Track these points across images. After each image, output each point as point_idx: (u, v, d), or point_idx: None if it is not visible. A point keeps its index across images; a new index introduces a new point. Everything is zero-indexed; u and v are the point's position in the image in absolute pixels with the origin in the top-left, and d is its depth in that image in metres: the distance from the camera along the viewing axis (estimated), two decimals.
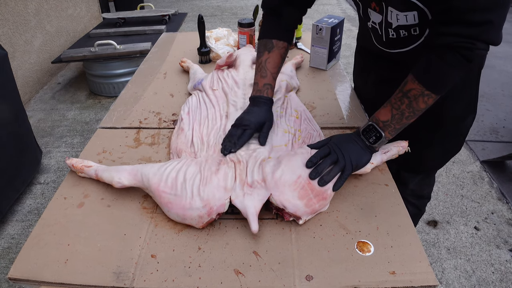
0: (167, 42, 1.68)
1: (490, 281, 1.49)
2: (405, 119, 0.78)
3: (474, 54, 0.68)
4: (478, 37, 0.67)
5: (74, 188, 0.84)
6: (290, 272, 0.66)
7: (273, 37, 0.91)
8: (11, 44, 2.67)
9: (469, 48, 0.68)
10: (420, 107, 0.76)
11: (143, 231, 0.74)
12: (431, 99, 0.75)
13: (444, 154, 1.12)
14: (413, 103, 0.76)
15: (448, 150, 1.11)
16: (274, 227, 0.75)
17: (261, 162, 0.78)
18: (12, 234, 1.74)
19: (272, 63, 0.92)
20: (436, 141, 1.06)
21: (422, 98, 0.75)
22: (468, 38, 0.67)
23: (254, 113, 0.89)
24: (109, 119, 1.10)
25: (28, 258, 0.69)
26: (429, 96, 0.74)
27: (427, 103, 0.75)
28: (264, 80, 0.92)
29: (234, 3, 5.31)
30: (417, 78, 0.74)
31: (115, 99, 1.23)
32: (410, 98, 0.76)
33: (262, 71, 0.92)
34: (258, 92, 0.92)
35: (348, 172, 0.77)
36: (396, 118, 0.78)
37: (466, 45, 0.68)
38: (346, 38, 3.90)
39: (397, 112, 0.78)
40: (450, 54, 0.70)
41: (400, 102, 0.77)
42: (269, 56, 0.91)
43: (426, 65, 0.74)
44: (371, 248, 0.70)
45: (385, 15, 0.86)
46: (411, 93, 0.75)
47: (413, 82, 0.75)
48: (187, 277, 0.65)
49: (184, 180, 0.74)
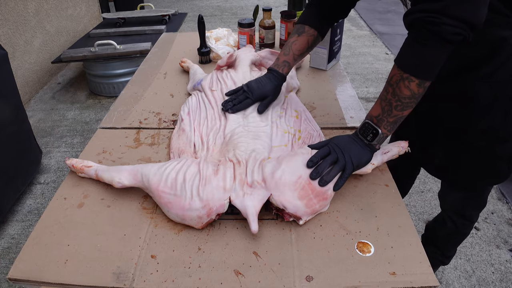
0: (167, 42, 1.67)
1: (490, 281, 1.49)
2: (395, 110, 0.75)
3: (444, 31, 0.65)
4: (443, 11, 0.64)
5: (74, 189, 0.84)
6: (290, 273, 0.65)
7: (306, 23, 0.99)
8: (11, 44, 2.67)
9: (435, 23, 0.65)
10: (404, 93, 0.73)
11: (143, 231, 0.74)
12: (413, 84, 0.71)
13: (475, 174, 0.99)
14: (396, 90, 0.73)
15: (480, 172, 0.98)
16: (274, 228, 0.75)
17: (261, 162, 0.78)
18: (12, 234, 1.74)
19: (298, 46, 0.99)
20: (462, 157, 0.96)
21: (403, 83, 0.72)
22: (432, 12, 0.65)
23: (262, 84, 0.98)
24: (109, 119, 1.10)
25: (28, 259, 0.69)
26: (409, 80, 0.71)
27: (410, 88, 0.72)
28: (284, 58, 1.00)
29: (234, 3, 5.31)
30: (396, 62, 0.73)
31: (115, 99, 1.23)
32: (392, 85, 0.74)
33: (286, 50, 1.00)
34: (276, 66, 1.01)
35: (348, 172, 0.76)
36: (386, 110, 0.76)
37: (431, 19, 0.65)
38: (346, 38, 3.90)
39: (385, 104, 0.76)
40: (419, 32, 0.68)
41: (386, 92, 0.76)
42: (297, 39, 0.99)
43: (402, 47, 0.72)
44: (371, 248, 0.70)
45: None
46: (393, 79, 0.73)
47: (394, 68, 0.74)
48: (187, 277, 0.65)
49: (184, 180, 0.74)
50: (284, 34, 1.52)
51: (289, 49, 1.00)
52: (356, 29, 4.23)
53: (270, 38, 1.55)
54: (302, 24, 1.00)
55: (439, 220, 1.25)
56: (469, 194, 1.10)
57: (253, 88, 0.98)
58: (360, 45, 3.77)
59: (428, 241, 1.31)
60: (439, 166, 1.04)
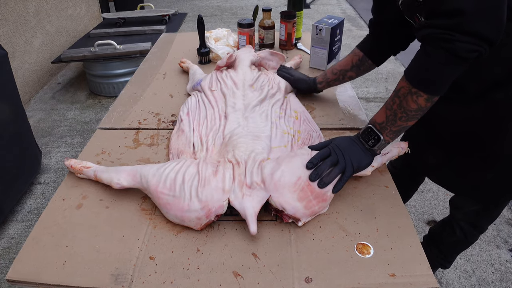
0: (167, 42, 1.67)
1: (490, 281, 1.49)
2: (399, 121, 0.75)
3: (457, 48, 0.62)
4: (456, 27, 0.61)
5: (72, 189, 0.84)
6: (289, 274, 0.65)
7: (358, 46, 1.07)
8: (11, 44, 2.67)
9: (448, 40, 0.62)
10: (410, 106, 0.72)
11: (142, 232, 0.74)
12: (421, 98, 0.70)
13: (502, 188, 0.97)
14: (403, 102, 0.72)
15: (507, 185, 0.95)
16: (273, 229, 0.74)
17: (260, 163, 0.78)
18: (12, 234, 1.74)
19: (342, 62, 1.10)
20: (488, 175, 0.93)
21: (411, 97, 0.71)
22: (445, 29, 0.62)
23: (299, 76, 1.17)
24: (108, 119, 1.10)
25: (27, 260, 0.68)
26: (417, 95, 0.70)
27: (418, 103, 0.71)
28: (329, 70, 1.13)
29: (234, 3, 5.31)
30: (405, 74, 0.72)
31: (115, 99, 1.23)
32: (400, 97, 0.73)
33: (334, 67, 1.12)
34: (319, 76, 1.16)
35: (348, 174, 0.76)
36: (390, 119, 0.76)
37: (444, 36, 0.62)
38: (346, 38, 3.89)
39: (390, 113, 0.75)
40: (432, 48, 0.65)
41: (392, 102, 0.75)
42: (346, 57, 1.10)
43: (413, 60, 0.71)
44: (370, 250, 0.69)
45: None
46: (401, 91, 0.72)
47: (402, 80, 0.72)
48: (185, 279, 0.65)
49: (183, 181, 0.74)
50: (283, 34, 1.51)
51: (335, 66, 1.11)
52: (356, 29, 4.22)
53: (270, 38, 1.55)
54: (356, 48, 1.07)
55: (448, 227, 1.22)
56: (488, 207, 1.08)
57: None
58: None
59: (431, 243, 1.30)
60: (459, 181, 1.00)
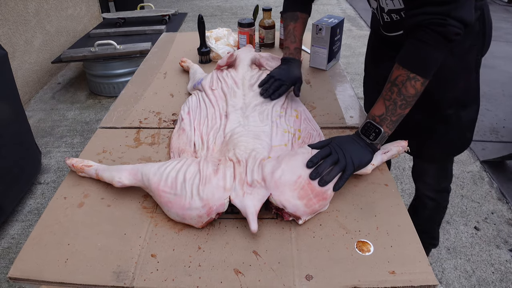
0: (167, 42, 1.68)
1: (490, 281, 1.49)
2: (399, 109, 0.79)
3: (448, 31, 0.71)
4: (448, 13, 0.70)
5: (74, 188, 0.85)
6: (290, 272, 0.66)
7: (297, 10, 1.11)
8: (11, 44, 2.67)
9: (442, 24, 0.71)
10: (409, 92, 0.77)
11: (143, 230, 0.74)
12: (418, 83, 0.76)
13: (448, 144, 1.10)
14: (402, 89, 0.77)
15: (452, 141, 1.09)
16: (274, 227, 0.75)
17: (261, 162, 0.78)
18: (12, 234, 1.74)
19: (299, 31, 1.11)
20: (438, 128, 1.05)
21: (410, 82, 0.76)
22: (438, 14, 0.70)
23: (289, 71, 1.08)
24: (109, 119, 1.10)
25: (28, 258, 0.69)
26: (415, 79, 0.76)
27: (416, 88, 0.76)
28: (294, 45, 1.11)
29: (234, 3, 5.31)
30: (401, 63, 0.77)
31: (115, 99, 1.24)
32: (398, 85, 0.77)
33: (291, 38, 1.11)
34: (290, 54, 1.11)
35: (349, 172, 0.77)
36: (390, 109, 0.79)
37: (438, 21, 0.71)
38: (346, 38, 3.90)
39: (390, 103, 0.79)
40: (425, 33, 0.73)
41: (390, 92, 0.79)
42: (295, 25, 1.11)
43: (407, 48, 0.77)
44: (370, 247, 0.70)
45: (379, 0, 0.96)
46: (398, 79, 0.77)
47: (398, 69, 0.77)
48: (187, 276, 0.65)
49: (184, 179, 0.74)
50: (284, 34, 1.52)
51: (294, 36, 1.10)
52: (356, 29, 4.23)
53: (270, 38, 1.56)
54: (293, 12, 1.11)
55: (418, 204, 1.31)
56: (442, 167, 1.20)
57: (283, 75, 1.06)
58: (360, 45, 3.77)
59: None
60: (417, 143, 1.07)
